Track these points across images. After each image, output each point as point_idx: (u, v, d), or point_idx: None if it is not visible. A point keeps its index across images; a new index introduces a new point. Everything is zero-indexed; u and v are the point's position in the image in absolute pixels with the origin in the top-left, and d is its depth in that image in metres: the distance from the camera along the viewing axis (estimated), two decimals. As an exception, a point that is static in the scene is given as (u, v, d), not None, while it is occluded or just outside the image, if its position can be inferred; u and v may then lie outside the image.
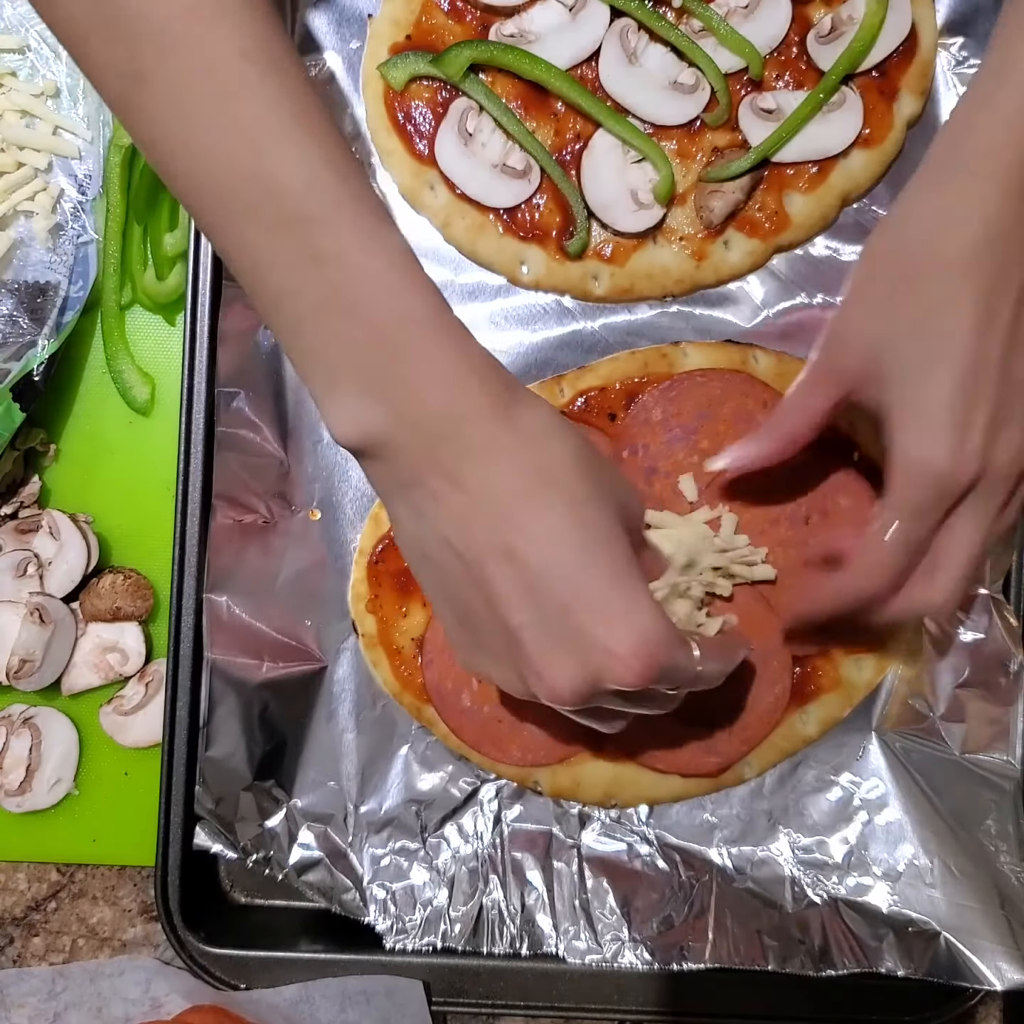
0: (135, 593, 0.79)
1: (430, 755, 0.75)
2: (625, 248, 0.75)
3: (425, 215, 0.75)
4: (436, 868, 0.74)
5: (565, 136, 0.74)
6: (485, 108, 0.73)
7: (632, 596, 0.54)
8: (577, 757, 0.73)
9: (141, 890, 0.81)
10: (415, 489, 0.55)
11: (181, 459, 0.74)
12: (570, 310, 0.76)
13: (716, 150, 0.74)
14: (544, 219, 0.74)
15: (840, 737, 0.74)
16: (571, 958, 0.72)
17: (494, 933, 0.73)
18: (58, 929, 0.81)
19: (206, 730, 0.73)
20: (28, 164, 0.80)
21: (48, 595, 0.79)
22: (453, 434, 0.53)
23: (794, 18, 0.73)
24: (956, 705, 0.72)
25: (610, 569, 0.54)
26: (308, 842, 0.74)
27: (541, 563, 0.53)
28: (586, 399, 0.73)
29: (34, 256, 0.81)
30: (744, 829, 0.74)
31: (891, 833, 0.73)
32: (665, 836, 0.74)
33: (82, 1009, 0.76)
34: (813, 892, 0.73)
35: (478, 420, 0.53)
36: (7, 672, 0.77)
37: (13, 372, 0.77)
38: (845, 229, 0.75)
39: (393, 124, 0.74)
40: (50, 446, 0.82)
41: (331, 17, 0.76)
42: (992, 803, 0.72)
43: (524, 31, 0.74)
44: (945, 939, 0.70)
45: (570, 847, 0.74)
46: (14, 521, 0.81)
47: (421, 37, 0.74)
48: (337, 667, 0.75)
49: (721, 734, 0.72)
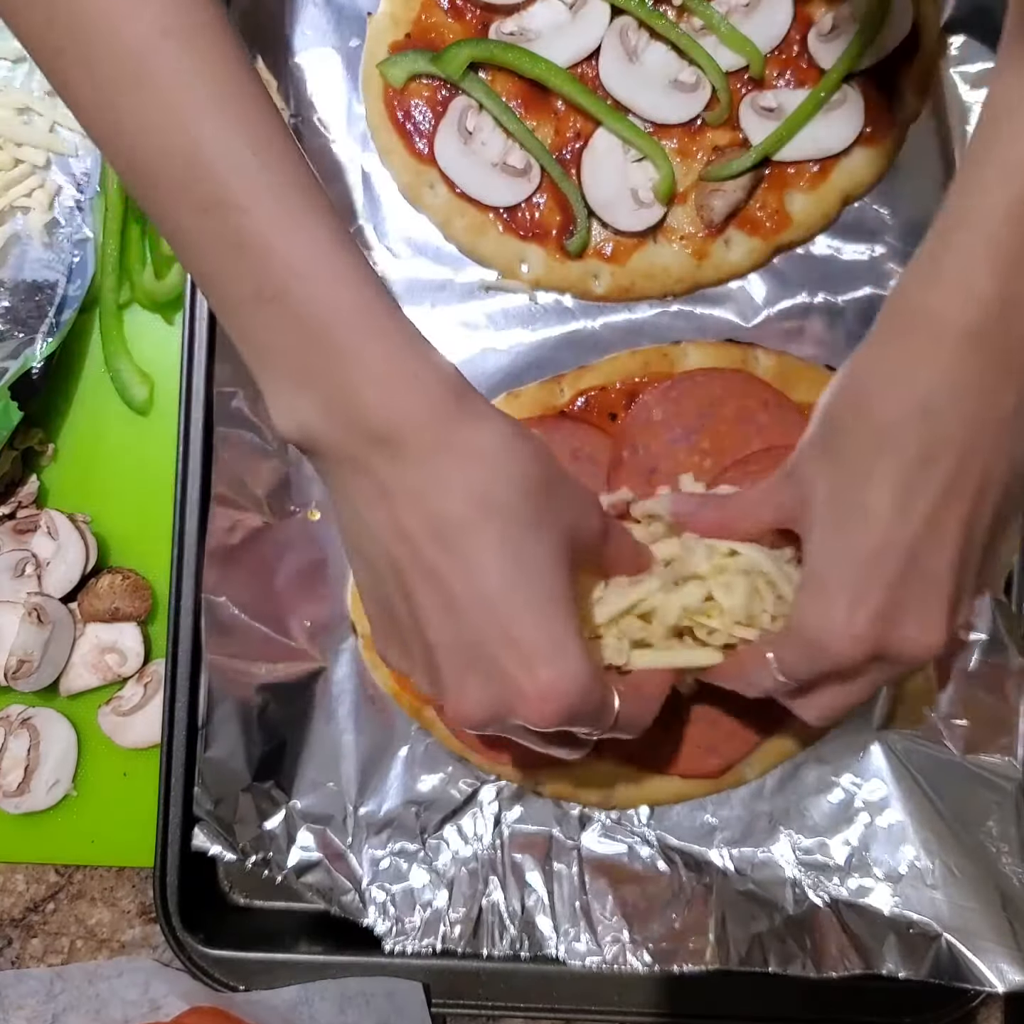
0: (134, 593, 0.79)
1: (429, 756, 0.75)
2: (625, 247, 0.74)
3: (425, 214, 0.75)
4: (436, 870, 0.74)
5: (565, 135, 0.74)
6: (485, 106, 0.73)
7: (555, 637, 0.52)
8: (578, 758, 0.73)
9: (140, 891, 0.81)
10: (352, 490, 0.53)
11: (180, 459, 0.74)
12: (570, 309, 0.76)
13: (717, 149, 0.74)
14: (544, 218, 0.74)
15: (841, 738, 0.74)
16: (571, 960, 0.72)
17: (494, 935, 0.73)
18: (56, 930, 0.81)
19: (205, 731, 0.73)
20: (26, 161, 0.79)
21: (46, 595, 0.78)
22: (387, 439, 0.51)
23: (795, 16, 0.73)
24: (957, 706, 0.73)
25: (537, 606, 0.52)
26: (307, 843, 0.74)
27: (465, 590, 0.52)
28: (586, 399, 0.73)
29: (32, 254, 0.81)
30: (745, 830, 0.74)
31: (892, 834, 0.73)
32: (666, 837, 0.74)
33: (80, 1011, 0.75)
34: (814, 894, 0.73)
35: (415, 429, 0.51)
36: (5, 672, 0.77)
37: (11, 371, 0.77)
38: (846, 228, 0.75)
39: (393, 122, 0.74)
40: (48, 446, 0.81)
41: (331, 15, 0.76)
42: (994, 804, 0.72)
43: (524, 29, 0.73)
44: (946, 940, 0.70)
45: (570, 849, 0.74)
46: (12, 521, 0.81)
47: (421, 35, 0.74)
48: (336, 668, 0.75)
49: (722, 735, 0.72)
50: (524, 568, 0.52)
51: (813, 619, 0.56)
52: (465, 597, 0.52)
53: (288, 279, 0.50)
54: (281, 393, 0.53)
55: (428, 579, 0.52)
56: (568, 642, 0.53)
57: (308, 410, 0.52)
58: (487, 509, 0.52)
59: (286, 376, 0.52)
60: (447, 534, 0.52)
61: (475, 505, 0.51)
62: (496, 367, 0.75)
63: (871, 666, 0.56)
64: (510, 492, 0.52)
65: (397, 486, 0.52)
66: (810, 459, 0.58)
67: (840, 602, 0.54)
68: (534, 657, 0.52)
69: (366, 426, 0.51)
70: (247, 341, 0.53)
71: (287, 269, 0.50)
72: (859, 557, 0.54)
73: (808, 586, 0.57)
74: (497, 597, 0.52)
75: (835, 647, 0.55)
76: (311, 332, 0.51)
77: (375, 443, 0.51)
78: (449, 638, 0.53)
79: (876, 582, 0.54)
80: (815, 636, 0.55)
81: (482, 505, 0.52)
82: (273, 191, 0.50)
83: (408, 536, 0.52)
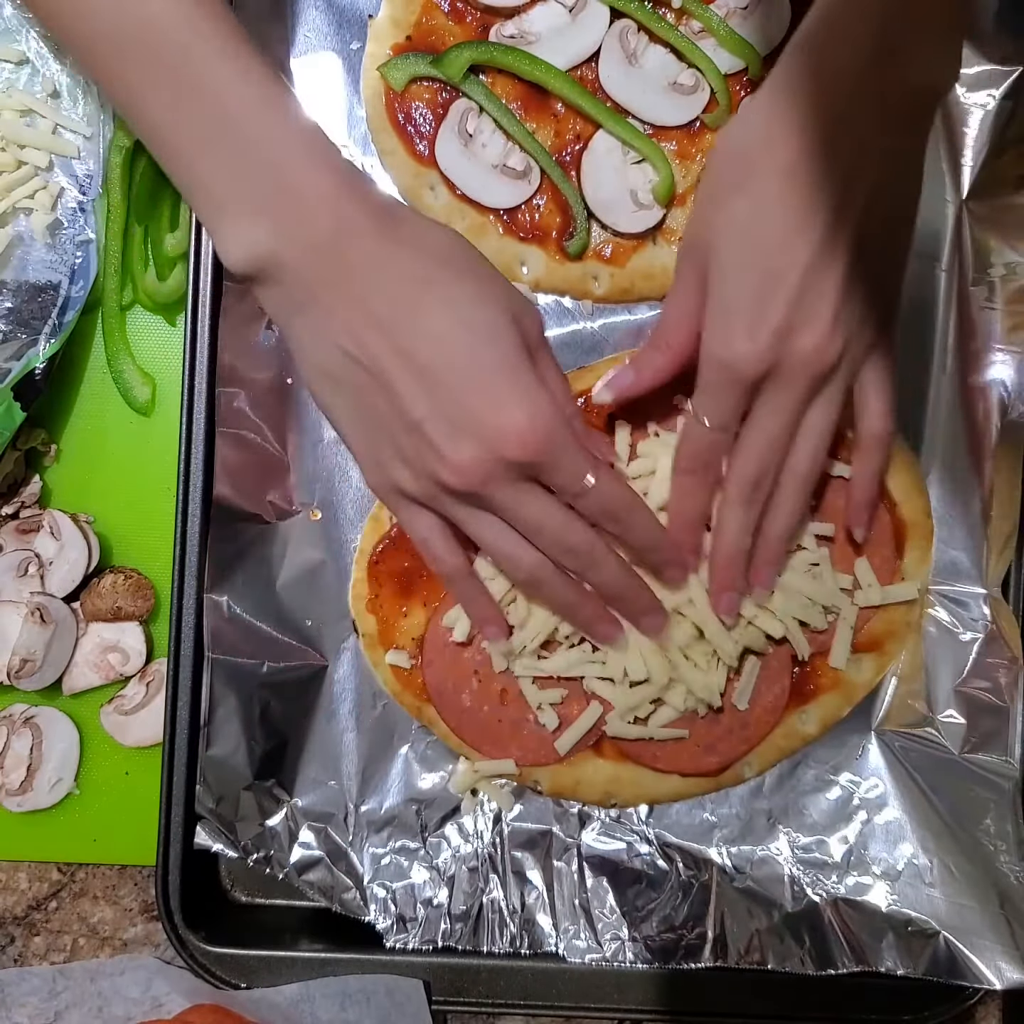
0: (136, 593, 0.79)
1: (430, 754, 0.75)
2: (625, 249, 0.75)
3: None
4: (436, 867, 0.74)
5: (565, 137, 0.74)
6: (485, 109, 0.74)
7: (518, 381, 0.60)
8: (577, 757, 0.73)
9: (142, 889, 0.81)
10: (309, 307, 0.59)
11: (182, 459, 0.74)
12: (570, 310, 0.76)
13: (716, 151, 0.74)
14: (544, 220, 0.75)
15: (839, 737, 0.74)
16: (571, 957, 0.72)
17: (494, 932, 0.73)
18: (59, 928, 0.81)
19: (207, 729, 0.73)
20: (29, 163, 0.80)
21: (49, 595, 0.79)
22: (340, 249, 0.58)
23: (793, 19, 0.73)
24: (955, 705, 0.73)
25: (497, 360, 0.60)
26: (308, 841, 0.74)
27: (432, 359, 0.59)
28: (586, 399, 0.73)
29: (35, 256, 0.81)
30: (744, 828, 0.74)
31: (890, 832, 0.73)
32: (665, 835, 0.74)
33: (83, 1008, 0.76)
34: (812, 891, 0.73)
35: (363, 235, 0.58)
36: (8, 672, 0.77)
37: (14, 371, 0.77)
38: (844, 229, 0.75)
39: (393, 125, 0.74)
40: (51, 446, 0.82)
41: (331, 18, 0.76)
42: (991, 802, 0.72)
43: (524, 32, 0.74)
44: (944, 938, 0.71)
45: (570, 846, 0.74)
46: (15, 521, 0.81)
47: (421, 38, 0.74)
48: (337, 667, 0.75)
49: (721, 733, 0.73)
50: (479, 331, 0.60)
51: (720, 344, 0.62)
52: (435, 365, 0.59)
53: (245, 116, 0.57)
54: (235, 226, 0.59)
55: (398, 360, 0.59)
56: (531, 386, 0.60)
57: (263, 236, 0.58)
58: (433, 288, 0.60)
59: (239, 208, 0.58)
60: (405, 316, 0.59)
61: (423, 286, 0.59)
62: (496, 368, 0.75)
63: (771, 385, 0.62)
64: (450, 271, 0.61)
65: (353, 287, 0.59)
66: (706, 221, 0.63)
67: (743, 323, 0.61)
68: (506, 401, 0.59)
69: (320, 241, 0.58)
70: (197, 184, 0.59)
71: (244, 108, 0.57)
72: (756, 281, 0.60)
73: (713, 317, 0.62)
74: (461, 358, 0.59)
75: (741, 364, 0.61)
76: (266, 162, 0.57)
77: (329, 254, 0.58)
78: (431, 407, 0.59)
79: (776, 301, 0.60)
80: (724, 357, 0.62)
81: (429, 285, 0.60)
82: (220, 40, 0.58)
83: (373, 330, 0.59)
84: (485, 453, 0.59)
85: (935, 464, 0.74)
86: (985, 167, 0.74)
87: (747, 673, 0.71)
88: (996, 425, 0.73)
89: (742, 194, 0.61)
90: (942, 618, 0.74)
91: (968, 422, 0.74)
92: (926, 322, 0.75)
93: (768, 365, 0.61)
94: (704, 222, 0.63)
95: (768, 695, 0.73)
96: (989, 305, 0.74)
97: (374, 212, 0.59)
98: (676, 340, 0.65)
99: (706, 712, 0.72)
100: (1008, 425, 0.73)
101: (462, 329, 0.59)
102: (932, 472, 0.74)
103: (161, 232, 0.81)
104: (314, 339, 0.61)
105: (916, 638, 0.74)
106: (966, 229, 0.74)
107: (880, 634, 0.73)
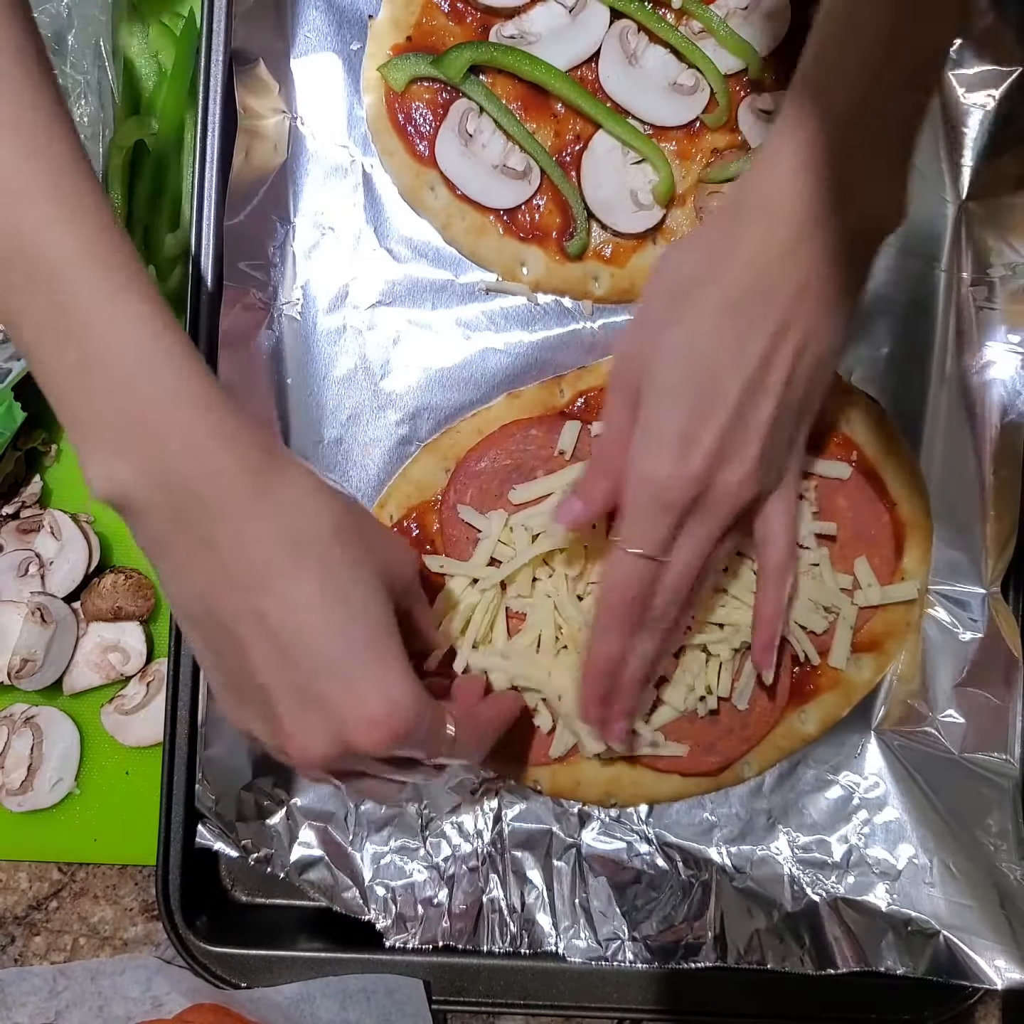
0: (136, 593, 0.79)
1: (430, 754, 0.75)
2: (625, 249, 0.75)
3: (425, 216, 0.75)
4: (436, 867, 0.74)
5: (565, 137, 0.75)
6: (485, 109, 0.74)
7: (379, 665, 0.55)
8: (577, 756, 0.73)
9: (142, 889, 0.81)
10: (171, 549, 0.55)
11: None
12: (570, 310, 0.76)
13: (716, 151, 0.74)
14: (544, 220, 0.75)
15: (839, 736, 0.74)
16: (571, 957, 0.72)
17: (494, 932, 0.73)
18: (59, 928, 0.81)
19: (205, 729, 0.73)
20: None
21: (50, 595, 0.79)
22: (204, 497, 0.53)
23: (793, 19, 0.74)
24: (955, 704, 0.73)
25: (360, 637, 0.55)
26: (309, 840, 0.74)
27: (290, 629, 0.54)
28: (586, 399, 0.74)
29: (35, 257, 0.81)
30: (743, 828, 0.74)
31: (890, 832, 0.73)
32: (665, 835, 0.74)
33: (83, 1008, 0.76)
34: (812, 891, 0.73)
35: (230, 485, 0.53)
36: (9, 672, 0.77)
37: (14, 371, 0.77)
38: (844, 230, 0.75)
39: (394, 125, 0.74)
40: (51, 446, 0.82)
41: (331, 18, 0.76)
42: (991, 802, 0.72)
43: (524, 32, 0.74)
44: (944, 938, 0.71)
45: (570, 846, 0.74)
46: (16, 521, 0.81)
47: (422, 38, 0.74)
48: (338, 666, 0.75)
49: (720, 733, 0.73)
50: (342, 605, 0.55)
51: (653, 465, 0.61)
52: (291, 635, 0.54)
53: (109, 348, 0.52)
54: (97, 458, 0.53)
55: (255, 623, 0.54)
56: (390, 670, 0.55)
57: (124, 474, 0.53)
58: (303, 552, 0.54)
59: (103, 440, 0.53)
60: (268, 578, 0.54)
61: (293, 549, 0.54)
62: (496, 368, 0.75)
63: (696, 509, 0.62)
64: (324, 535, 0.55)
65: (214, 539, 0.53)
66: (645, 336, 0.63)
67: (675, 445, 0.61)
68: (362, 687, 0.54)
69: (184, 486, 0.53)
70: (65, 406, 0.53)
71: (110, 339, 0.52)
72: (690, 405, 0.60)
73: (644, 436, 0.62)
74: (320, 633, 0.54)
75: (675, 485, 0.61)
76: (129, 399, 0.52)
77: (193, 501, 0.53)
78: (282, 680, 0.55)
79: (709, 427, 0.60)
80: (655, 478, 0.61)
81: (299, 549, 0.54)
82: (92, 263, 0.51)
83: (232, 586, 0.54)
84: (332, 742, 0.55)
85: (935, 464, 0.74)
86: (985, 167, 0.74)
87: (747, 673, 0.71)
88: (996, 425, 0.73)
89: (680, 324, 0.61)
90: (942, 618, 0.74)
91: (968, 422, 0.74)
92: (926, 322, 0.75)
93: (697, 491, 0.61)
94: (638, 343, 0.63)
95: (768, 694, 0.73)
96: (989, 305, 0.74)
97: (246, 458, 0.54)
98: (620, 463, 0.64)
99: (706, 712, 0.72)
100: (1008, 425, 0.73)
101: (329, 599, 0.55)
102: (932, 472, 0.74)
103: (161, 233, 0.81)
104: (176, 581, 0.56)
105: (916, 638, 0.74)
106: (965, 229, 0.74)
107: (880, 634, 0.73)
